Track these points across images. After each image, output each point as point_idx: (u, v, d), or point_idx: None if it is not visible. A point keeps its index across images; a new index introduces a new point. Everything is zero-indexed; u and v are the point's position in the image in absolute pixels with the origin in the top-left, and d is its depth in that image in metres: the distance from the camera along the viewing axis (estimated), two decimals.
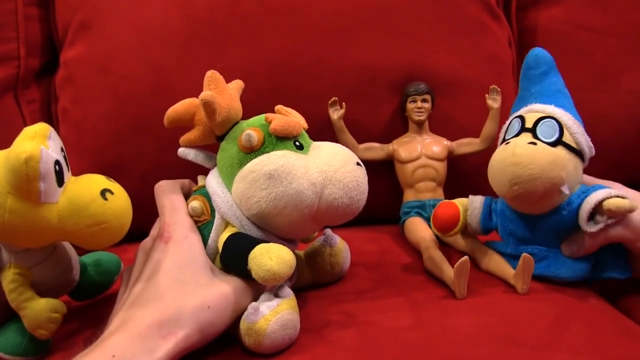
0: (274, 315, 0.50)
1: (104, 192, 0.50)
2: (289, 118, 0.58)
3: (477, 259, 0.69)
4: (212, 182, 0.58)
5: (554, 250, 0.63)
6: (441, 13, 0.92)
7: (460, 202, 0.69)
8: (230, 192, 0.56)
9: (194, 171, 0.64)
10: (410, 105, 0.85)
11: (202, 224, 0.57)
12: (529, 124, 0.63)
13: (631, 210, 0.56)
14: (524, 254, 0.60)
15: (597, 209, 0.58)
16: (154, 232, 0.59)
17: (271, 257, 0.50)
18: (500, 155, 0.61)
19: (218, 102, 0.56)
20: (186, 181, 0.63)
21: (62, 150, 0.52)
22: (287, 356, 0.51)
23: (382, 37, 0.89)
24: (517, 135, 0.63)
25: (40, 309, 0.53)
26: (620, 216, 0.57)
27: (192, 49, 0.87)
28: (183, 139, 0.62)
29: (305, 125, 0.60)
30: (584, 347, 0.51)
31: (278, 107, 0.61)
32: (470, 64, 0.93)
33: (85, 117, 0.89)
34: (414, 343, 0.52)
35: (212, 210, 0.57)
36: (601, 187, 0.60)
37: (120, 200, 0.52)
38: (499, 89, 0.83)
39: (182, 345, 0.47)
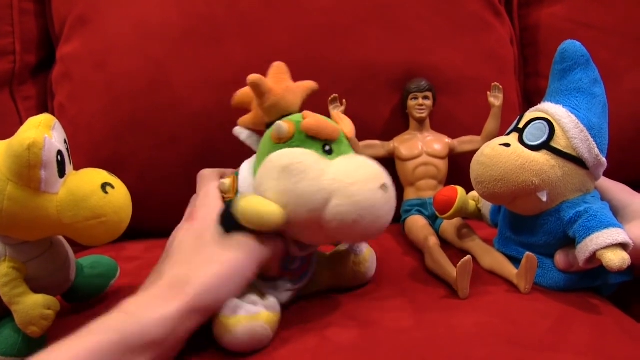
0: (247, 320, 0.50)
1: (104, 186, 0.51)
2: (325, 120, 0.57)
3: (479, 258, 0.68)
4: (245, 164, 0.59)
5: (543, 259, 0.62)
6: (443, 10, 0.92)
7: (462, 189, 0.70)
8: (254, 177, 0.56)
9: (192, 167, 0.64)
10: (411, 102, 0.85)
11: (227, 201, 0.58)
12: (521, 124, 0.62)
13: (620, 269, 0.53)
14: (527, 253, 0.59)
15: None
16: (186, 215, 0.61)
17: (257, 198, 0.52)
18: (478, 152, 0.62)
19: (268, 87, 0.57)
20: (229, 170, 0.64)
21: (65, 142, 0.52)
22: (287, 355, 0.51)
23: (382, 34, 0.89)
24: (509, 133, 0.63)
25: (32, 304, 0.52)
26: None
27: (190, 45, 0.87)
28: (240, 119, 0.62)
29: (350, 134, 0.59)
30: (587, 348, 0.51)
31: (334, 112, 0.61)
32: (471, 61, 0.93)
33: (81, 113, 0.89)
34: (416, 343, 0.52)
35: (238, 190, 0.58)
36: (603, 222, 0.56)
37: (120, 194, 0.52)
38: (500, 87, 0.83)
39: (192, 304, 0.48)
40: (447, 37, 0.91)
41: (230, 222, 0.54)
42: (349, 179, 0.52)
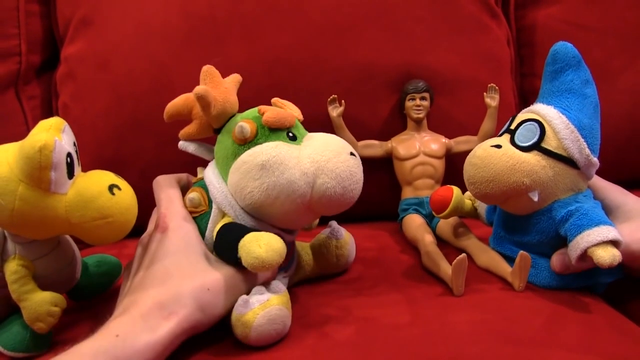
0: (262, 309, 0.51)
1: (111, 187, 0.51)
2: (281, 110, 0.58)
3: (474, 256, 0.69)
4: (210, 173, 0.59)
5: (535, 257, 0.63)
6: (440, 11, 0.92)
7: (458, 189, 0.71)
8: (226, 183, 0.57)
9: (193, 166, 0.65)
10: (409, 103, 0.86)
11: (200, 215, 0.59)
12: (513, 125, 0.63)
13: (611, 266, 0.54)
14: (521, 252, 0.60)
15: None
16: (151, 226, 0.61)
17: (260, 245, 0.51)
18: (470, 153, 0.63)
19: (212, 96, 0.57)
20: (184, 175, 0.64)
21: (74, 144, 0.53)
22: (286, 351, 0.52)
23: (381, 35, 0.90)
24: (501, 134, 0.64)
25: (40, 301, 0.53)
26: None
27: (191, 46, 0.87)
28: (182, 132, 0.63)
29: (300, 117, 0.61)
30: (579, 345, 0.51)
31: (274, 99, 0.62)
32: (468, 62, 0.93)
33: (85, 112, 0.90)
34: (412, 339, 0.53)
35: (210, 201, 0.58)
36: (594, 220, 0.57)
37: (127, 196, 0.53)
38: (497, 88, 0.84)
39: (184, 325, 0.49)
40: (444, 39, 0.92)
41: (228, 255, 0.55)
42: (325, 157, 0.55)
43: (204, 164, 0.63)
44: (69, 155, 0.50)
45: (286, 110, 0.59)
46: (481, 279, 0.65)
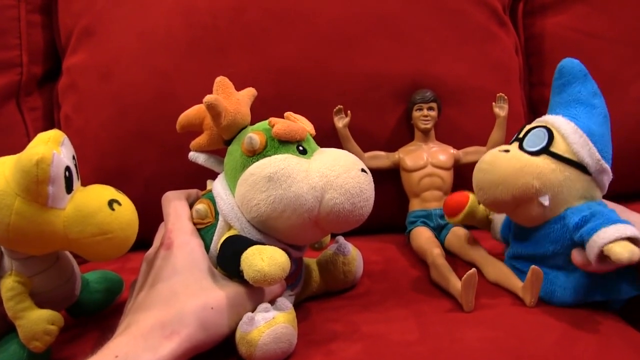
0: (267, 327, 0.50)
1: (111, 203, 0.51)
2: (292, 122, 0.58)
3: (484, 270, 0.68)
4: (218, 185, 0.58)
5: (549, 271, 0.61)
6: (447, 21, 0.92)
7: (474, 195, 0.69)
8: (233, 195, 0.56)
9: (197, 178, 0.64)
10: (416, 114, 0.85)
11: (206, 227, 0.58)
12: (522, 133, 0.63)
13: (630, 262, 0.51)
14: (533, 266, 0.59)
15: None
16: (156, 242, 0.60)
17: (263, 258, 0.50)
18: (479, 160, 0.63)
19: (223, 106, 0.56)
20: (193, 191, 0.63)
21: (73, 158, 0.52)
22: None
23: (388, 45, 0.89)
24: (510, 143, 0.64)
25: (36, 319, 0.52)
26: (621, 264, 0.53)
27: (195, 56, 0.87)
28: (193, 143, 0.62)
29: (312, 132, 0.61)
30: None
31: (287, 113, 0.61)
32: (476, 71, 0.92)
33: (87, 124, 0.90)
34: (421, 357, 0.52)
35: (217, 214, 0.57)
36: (610, 219, 0.55)
37: (127, 211, 0.52)
38: (505, 97, 0.83)
39: (185, 345, 0.48)
40: (453, 48, 0.91)
41: (230, 268, 0.54)
42: (334, 172, 0.55)
43: (211, 175, 0.62)
44: (67, 169, 0.49)
45: (298, 124, 0.59)
46: (491, 293, 0.64)
